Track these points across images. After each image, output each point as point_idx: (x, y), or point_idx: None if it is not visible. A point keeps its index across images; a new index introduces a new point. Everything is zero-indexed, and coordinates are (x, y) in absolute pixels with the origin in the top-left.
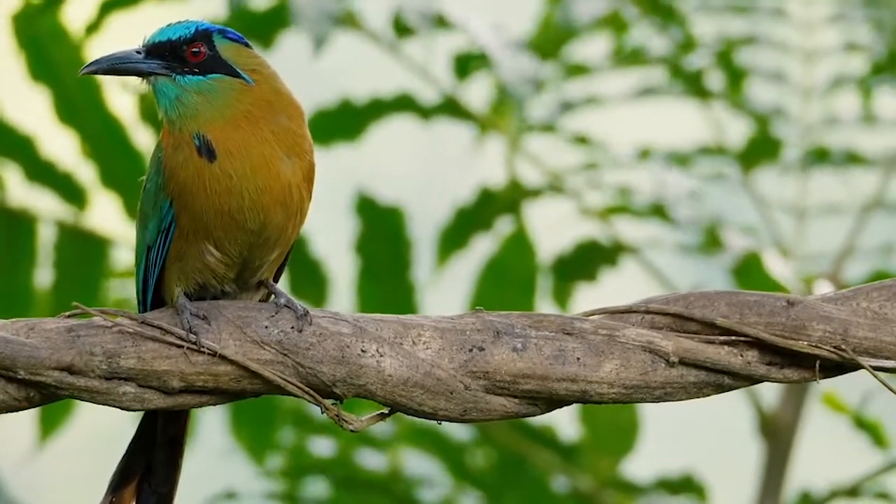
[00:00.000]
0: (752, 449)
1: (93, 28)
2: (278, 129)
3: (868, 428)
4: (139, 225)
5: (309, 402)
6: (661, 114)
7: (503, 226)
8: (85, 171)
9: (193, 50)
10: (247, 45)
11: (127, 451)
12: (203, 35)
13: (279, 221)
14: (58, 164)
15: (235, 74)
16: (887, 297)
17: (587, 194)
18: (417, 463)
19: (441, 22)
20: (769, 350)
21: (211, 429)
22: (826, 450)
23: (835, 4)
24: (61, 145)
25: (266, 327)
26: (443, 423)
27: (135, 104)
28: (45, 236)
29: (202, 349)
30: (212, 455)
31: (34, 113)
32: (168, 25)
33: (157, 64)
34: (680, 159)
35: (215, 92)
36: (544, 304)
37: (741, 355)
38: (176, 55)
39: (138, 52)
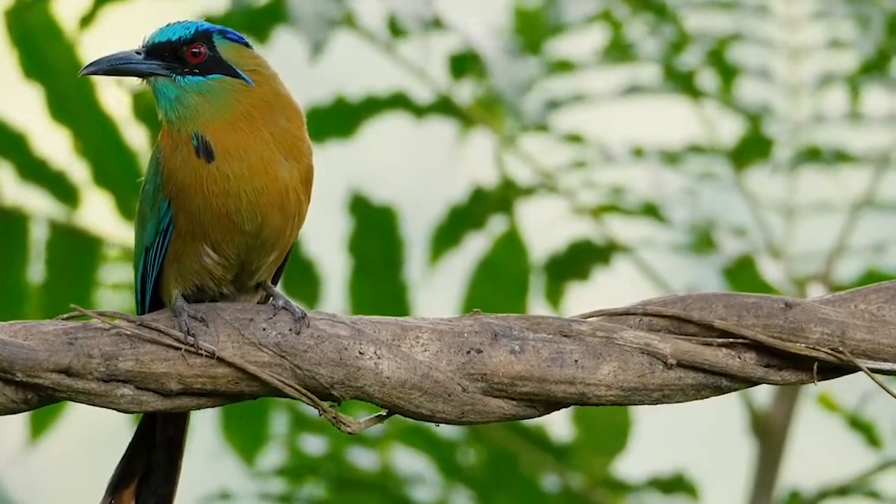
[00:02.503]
0: (745, 448)
1: (87, 21)
2: (277, 130)
3: (862, 428)
4: (137, 226)
5: (307, 404)
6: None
7: (496, 225)
8: (78, 170)
9: (193, 51)
10: (247, 45)
11: (126, 452)
12: (203, 35)
13: (276, 224)
14: (50, 163)
15: (235, 75)
16: (885, 300)
17: (580, 193)
18: (409, 462)
19: (436, 24)
20: (767, 352)
21: (205, 428)
22: (818, 449)
23: (818, 1)
24: (54, 143)
25: (264, 329)
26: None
27: (128, 103)
28: (38, 235)
29: (200, 351)
30: (206, 455)
31: (27, 110)
32: (168, 26)
33: (156, 65)
34: (671, 157)
35: (215, 93)
36: (537, 304)
37: (739, 357)
38: (176, 56)
39: (138, 53)
